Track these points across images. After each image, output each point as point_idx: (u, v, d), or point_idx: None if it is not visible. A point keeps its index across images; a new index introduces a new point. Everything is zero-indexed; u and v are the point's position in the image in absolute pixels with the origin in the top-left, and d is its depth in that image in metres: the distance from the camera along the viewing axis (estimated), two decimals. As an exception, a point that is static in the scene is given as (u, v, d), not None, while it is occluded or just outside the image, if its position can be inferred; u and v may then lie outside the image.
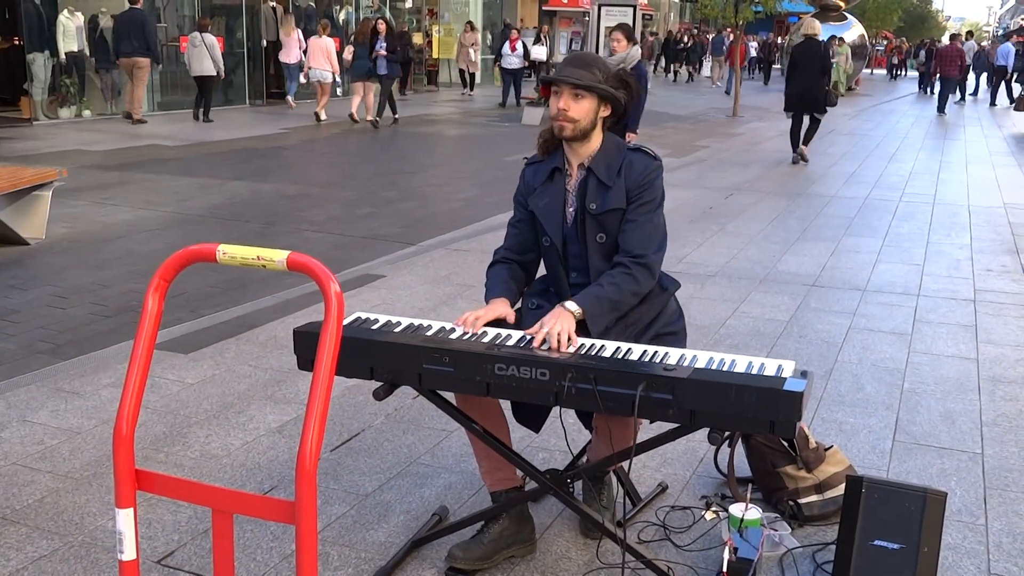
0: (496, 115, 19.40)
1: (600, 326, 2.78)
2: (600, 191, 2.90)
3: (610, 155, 2.94)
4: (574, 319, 2.72)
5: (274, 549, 2.98)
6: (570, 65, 2.89)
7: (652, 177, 2.92)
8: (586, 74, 2.85)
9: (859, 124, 18.88)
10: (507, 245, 3.10)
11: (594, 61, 2.92)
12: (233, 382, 4.37)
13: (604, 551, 2.99)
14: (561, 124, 2.88)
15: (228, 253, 1.86)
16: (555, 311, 2.75)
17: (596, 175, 2.91)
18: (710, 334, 5.22)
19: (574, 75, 2.84)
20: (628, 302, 2.85)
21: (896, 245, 7.66)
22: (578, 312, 2.75)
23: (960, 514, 3.27)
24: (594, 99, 2.87)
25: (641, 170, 2.91)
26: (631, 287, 2.84)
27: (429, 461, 3.61)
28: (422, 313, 5.47)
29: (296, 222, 8.42)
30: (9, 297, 5.94)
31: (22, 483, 3.36)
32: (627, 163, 2.92)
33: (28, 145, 12.78)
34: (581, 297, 2.80)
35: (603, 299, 2.80)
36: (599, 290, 2.82)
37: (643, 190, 2.89)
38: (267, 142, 13.89)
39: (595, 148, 2.94)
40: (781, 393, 2.30)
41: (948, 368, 4.74)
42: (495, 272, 3.06)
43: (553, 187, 2.98)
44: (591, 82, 2.84)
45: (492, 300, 2.93)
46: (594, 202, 2.90)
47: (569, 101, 2.85)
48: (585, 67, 2.87)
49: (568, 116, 2.86)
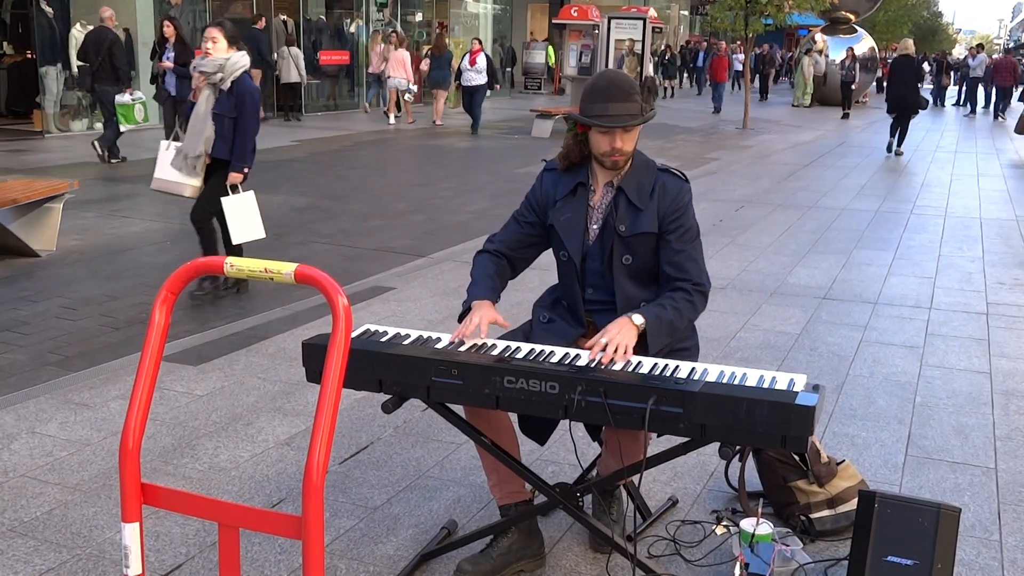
0: (504, 128, 19.43)
1: (658, 346, 2.76)
2: (630, 213, 2.88)
3: (641, 176, 2.91)
4: (636, 333, 2.69)
5: (282, 562, 2.96)
6: (615, 101, 2.79)
7: (686, 201, 2.90)
8: (633, 106, 2.80)
9: (870, 136, 18.83)
10: (504, 238, 3.06)
11: (631, 86, 2.85)
12: (242, 394, 4.36)
13: (614, 566, 2.97)
14: (615, 160, 2.85)
15: (235, 265, 1.85)
16: (620, 321, 2.71)
17: (628, 196, 2.88)
18: (721, 347, 5.19)
19: (625, 112, 2.79)
20: (684, 328, 2.87)
21: (907, 258, 7.63)
22: (642, 326, 2.72)
23: (974, 529, 3.24)
24: (639, 127, 2.86)
25: (675, 195, 2.88)
26: (690, 314, 2.86)
27: (438, 474, 3.60)
28: (431, 325, 5.46)
29: (306, 234, 8.42)
30: (19, 309, 5.95)
31: (31, 495, 3.36)
32: (660, 186, 2.89)
33: (40, 157, 12.84)
34: (647, 313, 2.76)
35: (665, 321, 2.78)
36: (662, 311, 2.79)
37: (679, 215, 2.87)
38: (276, 155, 13.92)
39: (627, 168, 2.92)
40: (793, 407, 2.28)
41: (961, 382, 4.70)
42: (482, 264, 3.02)
43: (576, 202, 2.95)
44: (642, 115, 2.81)
45: (476, 301, 2.90)
46: (624, 224, 2.87)
47: (624, 137, 2.82)
48: (629, 98, 2.81)
49: (623, 152, 2.84)
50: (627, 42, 26.73)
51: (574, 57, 28.03)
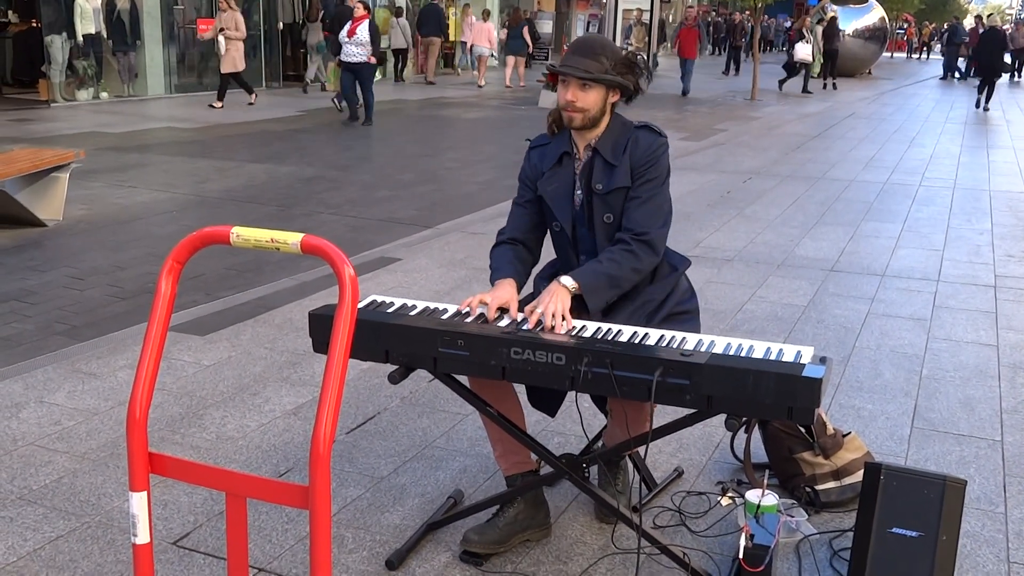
0: (511, 98, 19.34)
1: (600, 301, 2.75)
2: (606, 171, 2.87)
3: (616, 134, 2.89)
4: (569, 294, 2.69)
5: (289, 531, 2.98)
6: (577, 54, 2.82)
7: (658, 153, 2.86)
8: (593, 63, 2.78)
9: (879, 108, 18.71)
10: (512, 225, 3.05)
11: (602, 48, 2.84)
12: (249, 364, 4.37)
13: (619, 536, 2.98)
14: (570, 115, 2.83)
15: (242, 236, 1.84)
16: (551, 287, 2.72)
17: (602, 155, 2.87)
18: (727, 319, 5.19)
19: (580, 65, 2.78)
20: (629, 278, 2.81)
21: (916, 230, 7.59)
22: (574, 287, 2.71)
23: (979, 502, 3.24)
24: (602, 88, 2.82)
25: (646, 147, 2.86)
26: (631, 263, 2.79)
27: (444, 444, 3.61)
28: (438, 296, 5.46)
29: (313, 204, 8.42)
30: (27, 279, 5.97)
31: (39, 464, 3.38)
32: (632, 140, 2.87)
33: (46, 127, 12.82)
34: (578, 272, 2.77)
35: (600, 274, 2.76)
36: (597, 265, 2.78)
37: (648, 166, 2.84)
38: (284, 124, 13.89)
39: (602, 130, 2.91)
40: (800, 379, 2.28)
41: (967, 354, 4.70)
42: (500, 253, 3.01)
43: (562, 171, 2.94)
44: (598, 73, 2.78)
45: (498, 281, 2.89)
46: (600, 182, 2.87)
47: (577, 92, 2.80)
48: (592, 55, 2.80)
49: (577, 107, 2.81)
50: (635, 12, 26.51)
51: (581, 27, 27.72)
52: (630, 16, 26.37)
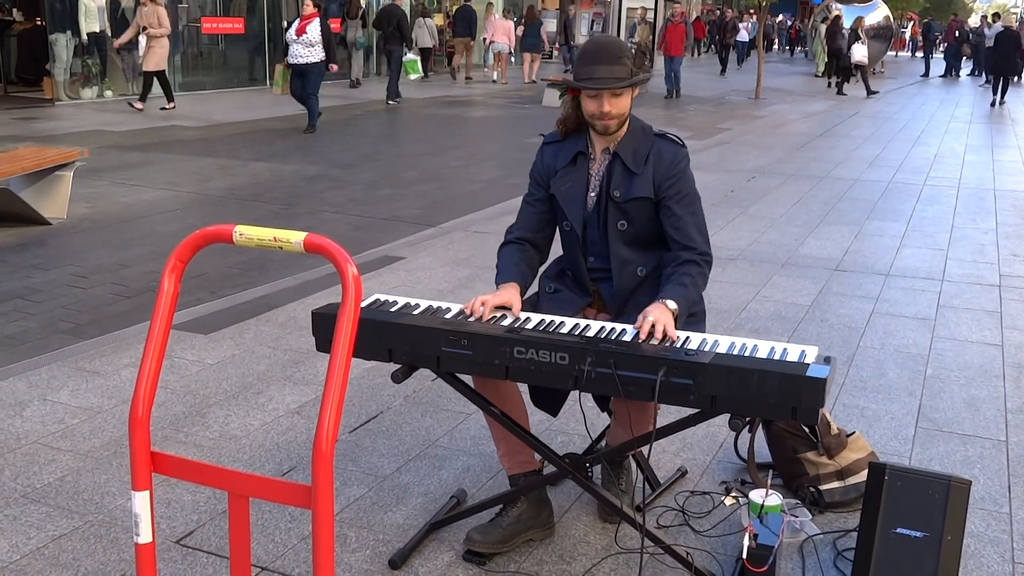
0: (516, 96, 19.32)
1: (680, 323, 2.77)
2: (625, 178, 2.86)
3: (637, 141, 2.89)
4: (672, 318, 2.67)
5: (292, 530, 2.98)
6: (601, 63, 2.78)
7: (682, 166, 2.89)
8: (620, 68, 2.78)
9: (883, 107, 18.67)
10: (520, 224, 3.05)
11: (619, 49, 2.83)
12: (252, 363, 4.37)
13: (623, 536, 2.97)
14: (606, 124, 2.83)
15: (244, 234, 1.84)
16: (657, 306, 2.66)
17: (623, 161, 2.87)
18: (731, 318, 5.18)
19: (610, 75, 2.76)
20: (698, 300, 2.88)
21: (920, 229, 7.58)
22: (676, 310, 2.69)
23: (984, 502, 3.24)
24: (630, 90, 2.83)
25: (671, 160, 2.87)
26: (703, 286, 2.86)
27: (447, 444, 3.61)
28: (441, 295, 5.46)
29: (316, 203, 8.41)
30: (30, 277, 5.97)
31: (43, 462, 3.38)
32: (655, 152, 2.88)
33: (50, 125, 12.83)
34: (675, 296, 2.72)
35: (690, 301, 2.78)
36: (685, 290, 2.77)
37: (675, 180, 2.86)
38: (288, 123, 13.88)
39: (623, 133, 2.90)
40: (804, 379, 2.27)
41: (972, 354, 4.68)
42: (507, 254, 3.00)
43: (576, 171, 2.94)
44: (627, 78, 2.78)
45: (502, 285, 2.88)
46: (618, 189, 2.86)
47: (611, 101, 2.79)
48: (616, 61, 2.78)
49: (612, 115, 2.81)
50: (639, 10, 26.50)
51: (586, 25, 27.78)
52: (634, 15, 26.38)
